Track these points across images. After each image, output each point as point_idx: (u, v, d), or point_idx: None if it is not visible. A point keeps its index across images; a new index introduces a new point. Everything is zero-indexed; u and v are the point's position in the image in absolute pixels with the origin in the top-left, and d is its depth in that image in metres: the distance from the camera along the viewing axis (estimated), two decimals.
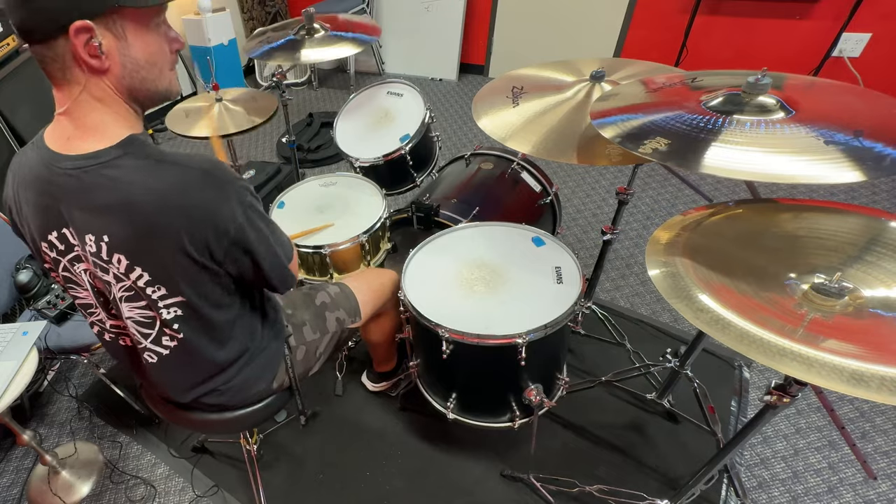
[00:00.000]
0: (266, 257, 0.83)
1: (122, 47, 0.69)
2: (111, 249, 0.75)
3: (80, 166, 0.72)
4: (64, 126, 0.74)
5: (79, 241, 0.77)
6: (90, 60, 0.67)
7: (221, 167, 0.75)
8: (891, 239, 0.81)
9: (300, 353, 1.13)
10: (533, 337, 1.11)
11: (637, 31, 3.30)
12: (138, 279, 0.77)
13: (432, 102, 3.66)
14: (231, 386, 1.01)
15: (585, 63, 1.39)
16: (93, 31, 0.65)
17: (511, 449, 1.52)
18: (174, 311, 0.82)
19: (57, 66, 0.68)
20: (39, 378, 1.83)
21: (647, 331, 1.87)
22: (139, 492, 1.56)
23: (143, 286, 0.78)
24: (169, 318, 0.83)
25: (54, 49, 0.66)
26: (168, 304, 0.81)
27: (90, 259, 0.78)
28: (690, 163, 0.84)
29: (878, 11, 2.64)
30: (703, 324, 0.74)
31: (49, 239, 0.80)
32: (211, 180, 0.73)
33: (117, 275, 0.78)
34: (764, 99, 0.91)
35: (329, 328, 1.19)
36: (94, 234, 0.74)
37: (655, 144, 0.89)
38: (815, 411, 1.58)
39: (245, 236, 0.78)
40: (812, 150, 0.80)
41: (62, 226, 0.77)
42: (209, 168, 0.74)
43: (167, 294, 0.80)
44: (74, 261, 0.81)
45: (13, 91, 2.14)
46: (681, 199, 2.54)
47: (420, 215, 1.62)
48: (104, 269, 0.78)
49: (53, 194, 0.75)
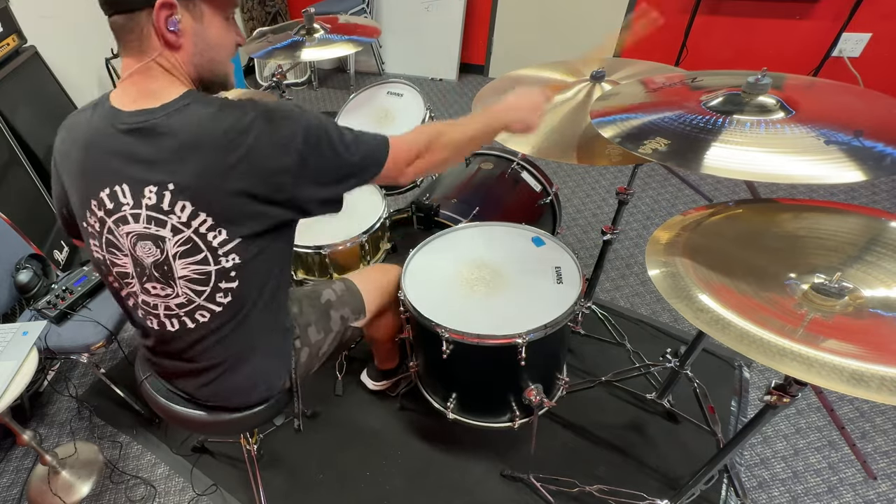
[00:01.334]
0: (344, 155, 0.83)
1: (197, 29, 0.78)
2: (175, 197, 0.76)
3: (147, 118, 0.76)
4: (128, 91, 0.79)
5: (133, 199, 0.79)
6: (167, 35, 0.75)
7: (282, 104, 0.79)
8: (891, 239, 0.81)
9: (304, 355, 1.12)
10: (533, 337, 1.11)
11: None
12: (201, 224, 0.78)
13: (432, 102, 3.66)
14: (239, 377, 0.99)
15: (585, 63, 1.39)
16: (175, 9, 0.74)
17: (511, 449, 1.52)
18: (233, 259, 0.83)
19: (133, 35, 0.75)
20: (39, 378, 1.83)
21: (647, 331, 1.87)
22: (139, 492, 1.56)
23: (204, 232, 0.79)
24: (228, 266, 0.83)
25: (135, 20, 0.74)
26: (227, 250, 0.82)
27: (144, 215, 0.79)
28: (690, 163, 0.85)
29: (878, 11, 2.64)
30: (703, 324, 0.74)
31: (100, 196, 0.81)
32: (269, 119, 0.76)
33: (176, 226, 0.79)
34: (764, 99, 0.91)
35: (333, 327, 1.19)
36: (155, 185, 0.77)
37: (655, 145, 0.89)
38: (815, 411, 1.58)
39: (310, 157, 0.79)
40: (812, 150, 0.80)
41: (116, 182, 0.79)
42: (269, 106, 0.78)
43: (227, 239, 0.80)
44: (120, 222, 0.81)
45: (13, 91, 2.13)
46: (681, 199, 2.54)
47: (420, 215, 1.62)
48: (161, 223, 0.79)
49: (114, 152, 0.78)
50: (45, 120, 2.26)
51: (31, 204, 2.12)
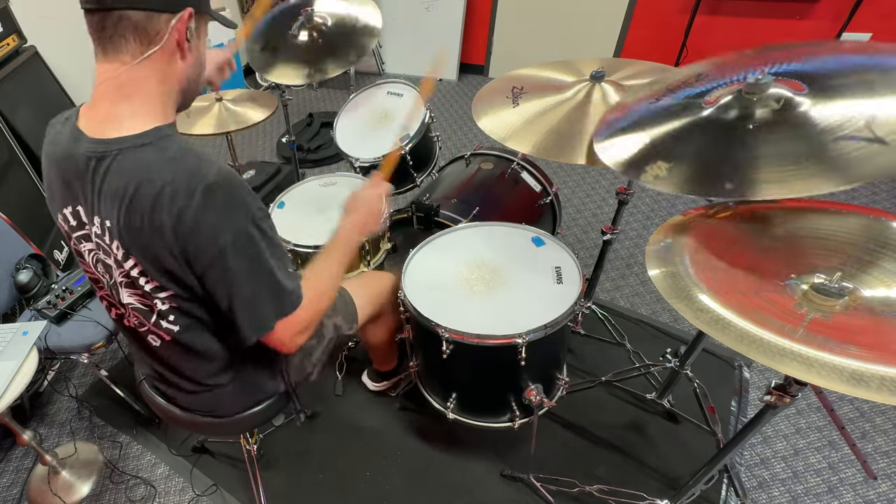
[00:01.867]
0: (246, 291, 0.78)
1: (197, 43, 0.79)
2: (111, 236, 0.77)
3: (104, 150, 0.74)
4: (99, 106, 0.77)
5: (88, 221, 0.80)
6: (184, 43, 0.75)
7: (234, 184, 0.74)
8: (891, 239, 0.81)
9: (296, 360, 1.11)
10: (533, 337, 1.11)
11: (637, 31, 3.30)
12: (132, 269, 0.79)
13: (432, 102, 3.66)
14: (227, 390, 1.00)
15: (585, 63, 1.39)
16: (192, 21, 0.75)
17: (511, 449, 1.52)
18: (168, 304, 0.82)
19: (136, 37, 0.71)
20: (39, 378, 1.84)
21: (647, 331, 1.87)
22: (139, 492, 1.56)
23: (136, 276, 0.79)
24: (164, 310, 0.83)
25: (154, 21, 0.71)
26: (161, 297, 0.81)
27: (94, 240, 0.81)
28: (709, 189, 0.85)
29: (878, 11, 2.64)
30: (703, 324, 0.74)
31: (65, 213, 0.82)
32: (210, 193, 0.71)
33: (117, 260, 0.80)
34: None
35: (325, 334, 1.17)
36: (100, 217, 0.77)
37: (657, 171, 0.89)
38: (815, 411, 1.58)
39: (225, 263, 0.74)
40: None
41: (77, 203, 0.80)
42: (219, 181, 0.72)
43: (159, 287, 0.80)
44: (83, 239, 0.83)
45: (13, 91, 2.13)
46: (681, 199, 2.54)
47: (420, 215, 1.62)
48: (107, 253, 0.80)
49: (75, 173, 0.77)
50: (45, 120, 2.22)
51: (31, 204, 2.12)
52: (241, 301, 0.79)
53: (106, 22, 0.70)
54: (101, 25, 0.71)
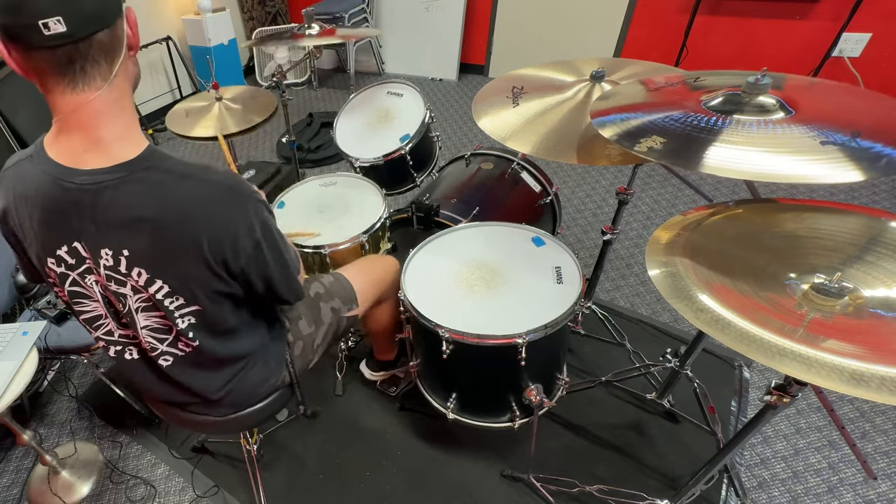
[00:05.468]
0: (278, 270, 0.87)
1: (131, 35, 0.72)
2: (131, 263, 0.76)
3: (101, 181, 0.71)
4: (71, 138, 0.71)
5: (91, 255, 0.77)
6: (132, 37, 0.71)
7: (242, 182, 0.79)
8: (891, 239, 0.81)
9: (298, 349, 1.13)
10: (533, 337, 1.11)
11: (637, 31, 3.30)
12: (157, 291, 0.79)
13: (432, 102, 3.66)
14: (236, 387, 1.02)
15: (585, 63, 1.39)
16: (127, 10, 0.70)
17: (511, 449, 1.52)
18: (188, 320, 0.85)
19: (103, 53, 0.67)
20: (39, 378, 1.83)
21: (647, 331, 1.87)
22: (139, 492, 1.56)
23: (161, 298, 0.80)
24: (184, 328, 0.85)
25: (115, 32, 0.67)
26: (184, 313, 0.83)
27: (103, 273, 0.78)
28: (688, 162, 0.85)
29: (878, 11, 2.64)
30: (703, 324, 0.74)
31: (58, 254, 0.78)
32: (233, 195, 0.76)
33: (135, 287, 0.79)
34: (764, 99, 0.91)
35: (324, 319, 1.19)
36: (111, 249, 0.75)
37: (651, 143, 0.89)
38: (815, 411, 1.58)
39: (261, 252, 0.81)
40: (810, 150, 0.80)
41: (73, 240, 0.76)
42: (232, 183, 0.76)
43: (184, 304, 0.82)
44: (86, 273, 0.80)
45: (13, 91, 2.14)
46: (681, 199, 2.54)
47: (420, 215, 1.62)
48: (121, 282, 0.79)
49: (65, 210, 0.73)
50: (45, 120, 2.25)
51: None
52: (278, 278, 0.88)
53: (75, 54, 0.64)
54: (68, 59, 0.64)
